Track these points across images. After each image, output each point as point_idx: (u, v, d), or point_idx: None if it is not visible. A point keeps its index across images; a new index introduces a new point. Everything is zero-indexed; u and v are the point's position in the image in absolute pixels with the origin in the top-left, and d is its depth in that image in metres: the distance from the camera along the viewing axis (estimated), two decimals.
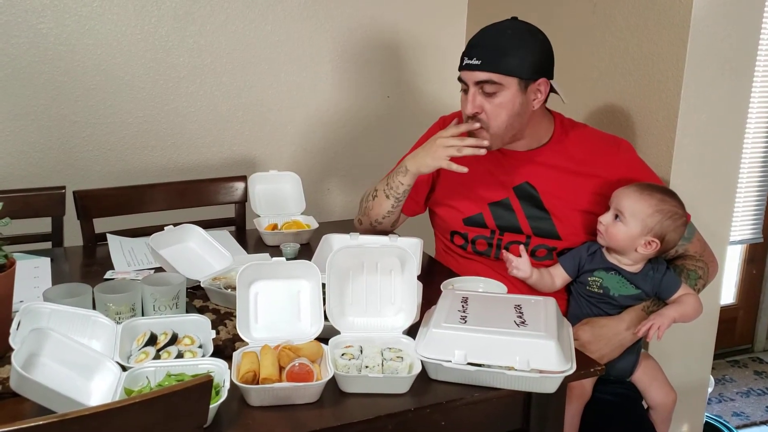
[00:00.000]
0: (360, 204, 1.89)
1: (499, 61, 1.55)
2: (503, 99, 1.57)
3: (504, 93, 1.57)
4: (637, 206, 1.52)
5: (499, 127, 1.61)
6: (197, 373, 1.14)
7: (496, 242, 1.73)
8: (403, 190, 1.73)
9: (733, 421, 2.66)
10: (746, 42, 1.89)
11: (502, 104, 1.58)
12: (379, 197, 1.78)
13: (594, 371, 1.26)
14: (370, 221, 1.83)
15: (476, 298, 1.37)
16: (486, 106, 1.59)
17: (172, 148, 2.41)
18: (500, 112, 1.59)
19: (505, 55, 1.56)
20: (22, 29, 2.15)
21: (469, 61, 1.58)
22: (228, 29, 2.38)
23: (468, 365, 1.17)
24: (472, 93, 1.59)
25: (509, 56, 1.55)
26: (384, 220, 1.80)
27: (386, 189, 1.75)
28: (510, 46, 1.56)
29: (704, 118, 1.88)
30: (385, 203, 1.76)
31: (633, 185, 1.57)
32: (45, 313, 1.22)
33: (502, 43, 1.57)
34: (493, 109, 1.59)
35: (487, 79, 1.56)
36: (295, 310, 1.31)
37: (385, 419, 1.12)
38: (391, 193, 1.74)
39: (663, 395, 1.66)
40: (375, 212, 1.80)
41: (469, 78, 1.59)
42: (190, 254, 1.64)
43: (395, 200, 1.75)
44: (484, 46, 1.58)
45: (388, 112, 2.68)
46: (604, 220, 1.56)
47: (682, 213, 1.55)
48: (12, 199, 1.81)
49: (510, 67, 1.55)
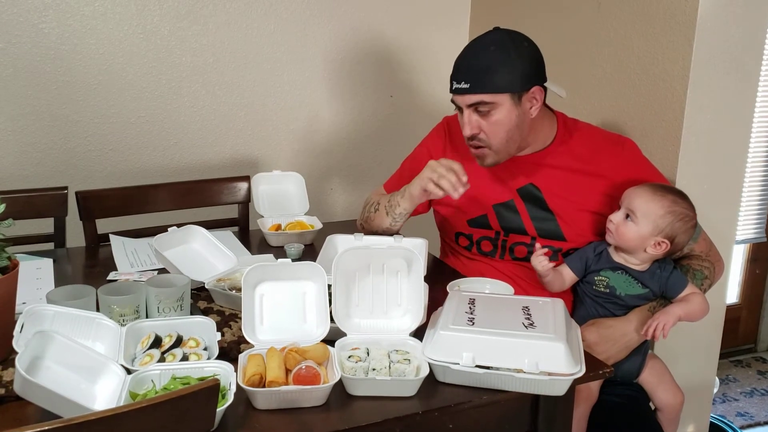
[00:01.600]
0: (363, 208, 1.88)
1: (487, 81, 1.54)
2: (499, 116, 1.57)
3: (498, 110, 1.56)
4: (649, 206, 1.52)
5: (500, 143, 1.60)
6: (203, 375, 1.14)
7: (501, 243, 1.72)
8: (400, 212, 1.72)
9: (737, 421, 2.65)
10: (752, 41, 1.88)
11: (498, 121, 1.57)
12: (380, 212, 1.78)
13: (603, 373, 1.25)
14: (371, 229, 1.83)
15: (483, 299, 1.36)
16: (483, 124, 1.59)
17: (174, 148, 2.40)
18: (498, 129, 1.58)
19: (492, 73, 1.54)
20: (24, 29, 2.14)
21: (458, 86, 1.58)
22: (230, 29, 2.37)
23: (476, 368, 1.16)
24: (467, 115, 1.59)
25: (497, 74, 1.54)
26: (384, 233, 1.80)
27: (387, 206, 1.76)
28: (496, 63, 1.54)
29: (710, 117, 1.87)
30: (385, 220, 1.77)
31: (645, 185, 1.56)
32: (48, 315, 1.21)
33: (487, 61, 1.54)
34: (490, 128, 1.58)
35: (478, 101, 1.56)
36: (300, 312, 1.30)
37: (392, 422, 1.11)
38: (390, 211, 1.74)
39: (670, 396, 1.66)
40: (375, 224, 1.81)
41: (461, 101, 1.59)
42: (194, 255, 1.63)
43: (392, 219, 1.74)
44: (469, 69, 1.57)
45: (392, 111, 2.67)
46: (615, 218, 1.55)
47: (693, 215, 1.54)
48: (14, 199, 1.80)
49: (499, 85, 1.54)
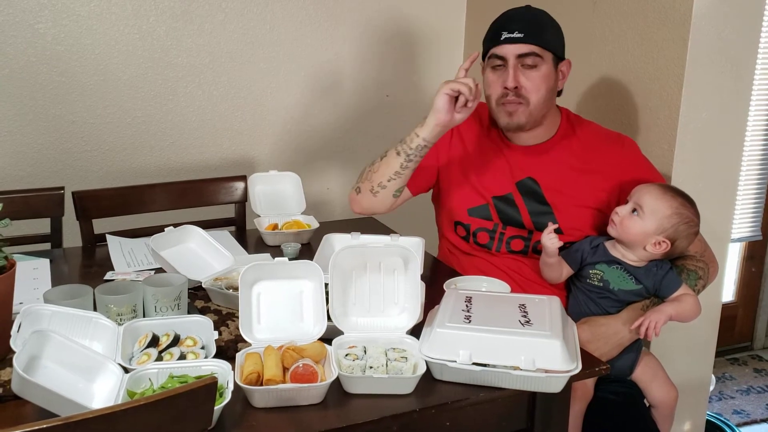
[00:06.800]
0: (360, 174, 1.78)
1: (541, 34, 1.60)
2: (543, 72, 1.61)
3: (544, 66, 1.61)
4: (658, 204, 1.53)
5: (539, 100, 1.62)
6: (200, 374, 1.14)
7: (499, 235, 1.72)
8: (417, 145, 1.61)
9: (733, 419, 2.66)
10: (747, 40, 1.88)
11: (542, 77, 1.61)
12: (388, 156, 1.67)
13: (599, 370, 1.26)
14: (371, 186, 1.71)
15: (480, 297, 1.36)
16: (523, 81, 1.61)
17: (171, 148, 2.40)
18: (541, 85, 1.61)
19: (546, 29, 1.62)
20: (19, 29, 2.13)
21: (509, 35, 1.60)
22: (226, 28, 2.37)
23: (473, 365, 1.17)
24: (513, 65, 1.60)
25: (548, 31, 1.63)
26: (389, 184, 1.68)
27: (398, 146, 1.65)
28: (548, 23, 1.64)
29: (705, 116, 1.88)
30: (394, 161, 1.65)
31: (656, 184, 1.58)
32: (46, 314, 1.21)
33: (541, 19, 1.64)
34: (533, 83, 1.61)
35: (530, 51, 1.59)
36: (297, 311, 1.30)
37: (389, 420, 1.12)
38: (402, 148, 1.63)
39: (664, 393, 1.66)
40: (380, 174, 1.68)
41: (511, 51, 1.60)
42: (191, 255, 1.63)
43: (406, 157, 1.63)
44: (524, 20, 1.62)
45: (388, 110, 2.67)
46: (621, 211, 1.56)
47: (697, 222, 1.56)
48: (11, 200, 1.80)
49: (550, 41, 1.62)
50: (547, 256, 1.60)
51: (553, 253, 1.59)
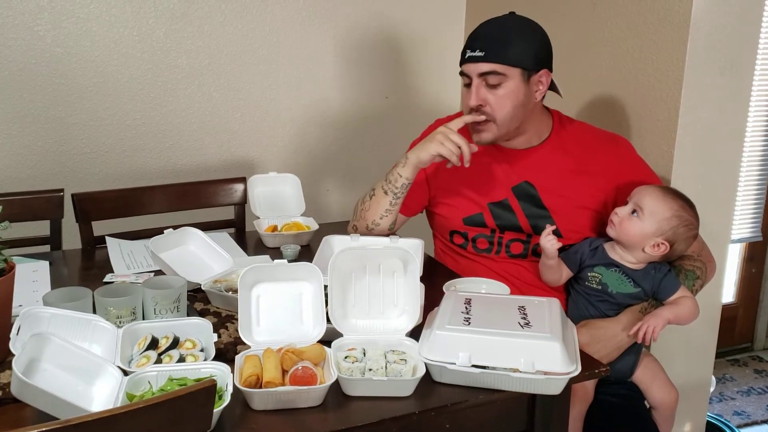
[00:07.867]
0: (354, 210, 1.83)
1: (502, 52, 1.56)
2: (507, 90, 1.58)
3: (508, 84, 1.57)
4: (658, 206, 1.53)
5: (504, 118, 1.60)
6: (199, 377, 1.13)
7: (497, 240, 1.72)
8: (402, 184, 1.66)
9: (733, 420, 2.66)
10: (746, 41, 1.88)
11: (507, 95, 1.58)
12: (377, 195, 1.72)
13: (599, 372, 1.26)
14: (366, 224, 1.75)
15: (479, 299, 1.36)
16: (490, 98, 1.59)
17: (170, 150, 2.40)
18: (505, 102, 1.59)
19: (508, 45, 1.56)
20: (18, 31, 2.13)
21: (471, 53, 1.58)
22: (226, 30, 2.37)
23: (472, 367, 1.17)
24: (476, 85, 1.59)
25: (512, 47, 1.56)
26: (381, 221, 1.73)
27: (384, 184, 1.70)
28: (512, 37, 1.57)
29: (705, 117, 1.88)
30: (383, 200, 1.70)
31: (657, 186, 1.58)
32: (45, 317, 1.21)
33: (504, 34, 1.58)
34: (497, 101, 1.59)
35: (490, 71, 1.57)
36: (297, 313, 1.30)
37: (389, 422, 1.12)
38: (389, 188, 1.69)
39: (664, 394, 1.66)
40: (372, 212, 1.73)
41: (473, 70, 1.59)
42: (190, 257, 1.63)
43: (393, 196, 1.68)
44: (486, 37, 1.58)
45: (387, 112, 2.67)
46: (621, 212, 1.56)
47: (696, 225, 1.56)
48: (10, 202, 1.80)
49: (513, 58, 1.56)
50: (547, 258, 1.60)
51: (553, 255, 1.59)
